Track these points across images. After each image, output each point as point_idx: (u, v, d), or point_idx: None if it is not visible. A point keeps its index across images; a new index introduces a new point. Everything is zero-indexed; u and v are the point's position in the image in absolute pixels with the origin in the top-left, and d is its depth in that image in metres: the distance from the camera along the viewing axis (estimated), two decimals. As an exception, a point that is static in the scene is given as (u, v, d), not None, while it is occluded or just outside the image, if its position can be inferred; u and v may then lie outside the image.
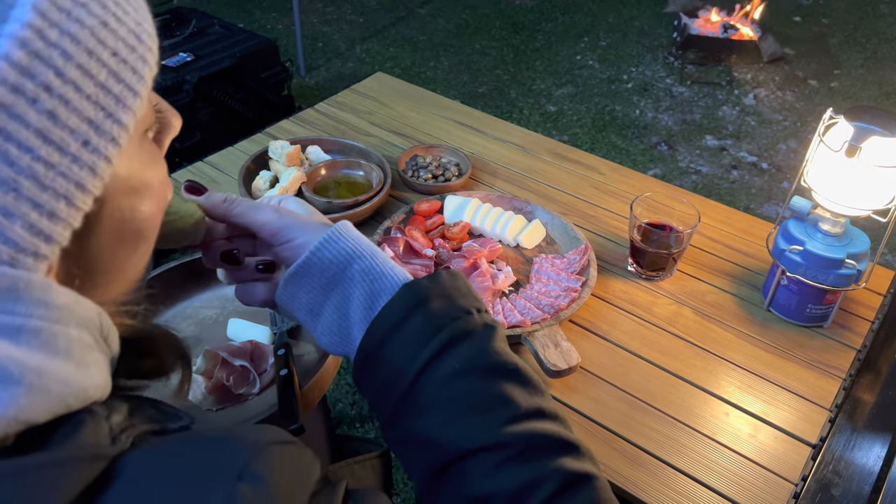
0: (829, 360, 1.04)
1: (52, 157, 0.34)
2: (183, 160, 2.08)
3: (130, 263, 0.42)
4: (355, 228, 0.58)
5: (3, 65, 0.32)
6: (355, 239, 0.56)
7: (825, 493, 0.86)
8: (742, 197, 2.75)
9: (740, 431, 0.93)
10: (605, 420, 0.93)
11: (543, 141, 1.51)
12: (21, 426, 0.31)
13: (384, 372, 0.52)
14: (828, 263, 1.01)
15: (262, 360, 0.78)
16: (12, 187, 0.33)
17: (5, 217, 0.33)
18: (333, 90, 2.00)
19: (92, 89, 0.35)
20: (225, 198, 0.58)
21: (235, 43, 2.32)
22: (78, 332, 0.36)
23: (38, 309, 0.33)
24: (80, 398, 0.34)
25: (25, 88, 0.33)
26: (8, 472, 0.30)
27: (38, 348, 0.33)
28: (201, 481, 0.33)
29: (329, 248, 0.55)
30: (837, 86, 3.50)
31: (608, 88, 3.46)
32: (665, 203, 1.16)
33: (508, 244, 1.21)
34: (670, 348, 1.04)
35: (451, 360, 0.51)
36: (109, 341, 0.39)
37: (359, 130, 1.52)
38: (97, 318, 0.38)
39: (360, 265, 0.55)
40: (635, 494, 0.85)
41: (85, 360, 0.36)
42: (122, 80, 0.37)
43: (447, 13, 4.16)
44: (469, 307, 0.54)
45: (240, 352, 0.77)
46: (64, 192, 0.35)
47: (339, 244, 0.55)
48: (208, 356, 0.76)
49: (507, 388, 0.51)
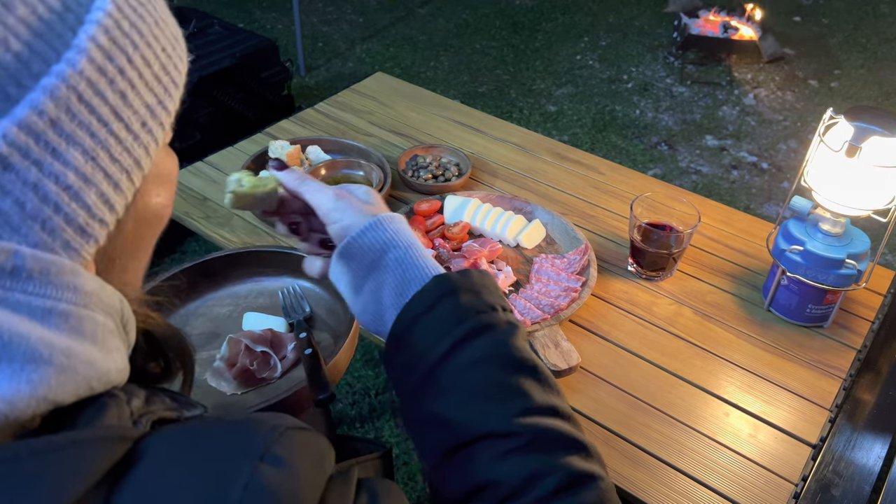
0: (829, 360, 1.04)
1: (120, 132, 0.38)
2: (183, 160, 2.07)
3: (144, 248, 0.46)
4: (402, 221, 0.62)
5: (91, 45, 0.36)
6: (395, 230, 0.60)
7: (825, 494, 0.86)
8: (742, 197, 2.75)
9: (740, 431, 0.93)
10: (605, 420, 0.93)
11: (543, 141, 1.51)
12: (49, 406, 0.33)
13: (409, 354, 0.55)
14: (828, 263, 1.01)
15: (282, 347, 0.83)
16: (91, 156, 0.36)
17: (85, 183, 0.36)
18: (333, 90, 2.00)
19: (150, 77, 0.40)
20: (299, 176, 0.65)
21: (235, 43, 2.32)
22: (103, 318, 0.38)
23: (67, 293, 0.35)
24: (103, 381, 0.36)
25: (107, 69, 0.37)
26: (38, 450, 0.31)
27: (66, 331, 0.35)
28: (225, 462, 0.34)
29: (369, 235, 0.59)
30: (837, 86, 3.50)
31: (608, 88, 3.46)
32: (665, 203, 1.16)
33: (508, 244, 1.21)
34: (670, 348, 1.04)
35: (473, 349, 0.53)
36: (128, 330, 0.41)
37: (359, 130, 1.52)
38: (119, 305, 0.40)
39: (394, 255, 0.59)
40: (635, 494, 0.85)
41: (108, 345, 0.37)
42: (169, 73, 0.42)
43: (447, 13, 4.16)
44: (495, 304, 0.57)
45: (261, 339, 0.82)
46: (127, 167, 0.38)
47: (378, 233, 0.59)
48: (231, 343, 0.81)
49: (523, 382, 0.53)
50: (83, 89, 0.36)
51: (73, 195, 0.36)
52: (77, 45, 0.36)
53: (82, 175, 0.36)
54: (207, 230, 1.22)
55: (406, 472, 1.72)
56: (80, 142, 0.36)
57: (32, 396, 0.32)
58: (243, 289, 0.93)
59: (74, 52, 0.35)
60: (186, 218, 1.25)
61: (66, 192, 0.35)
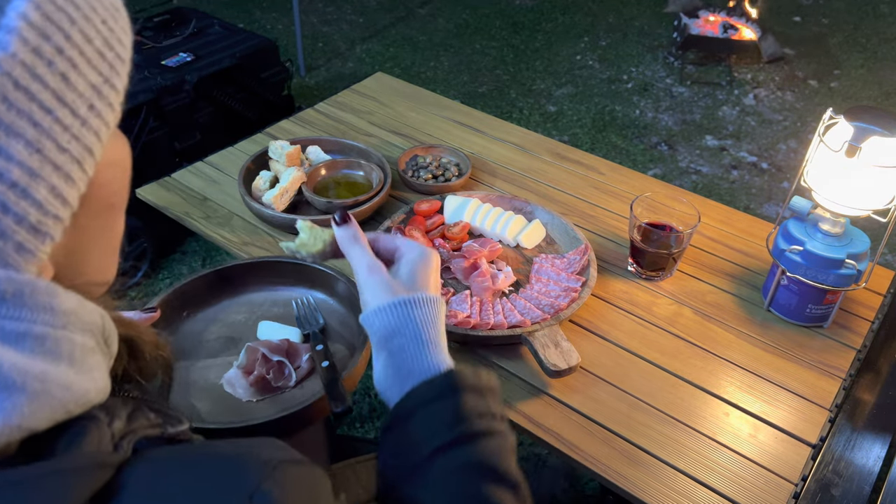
0: (829, 360, 1.04)
1: (66, 119, 0.35)
2: (183, 160, 2.07)
3: (106, 239, 0.43)
4: (422, 306, 0.62)
5: (22, 24, 0.33)
6: (407, 317, 0.61)
7: (825, 494, 0.86)
8: (742, 197, 2.75)
9: (740, 431, 0.93)
10: (605, 420, 0.93)
11: (543, 141, 1.51)
12: (24, 433, 0.31)
13: (404, 439, 0.56)
14: (828, 263, 1.01)
15: (297, 357, 0.84)
16: (36, 148, 0.33)
17: (32, 178, 0.33)
18: (333, 90, 2.00)
19: (92, 54, 0.36)
20: (352, 235, 0.66)
21: (235, 43, 2.32)
22: (82, 337, 0.36)
23: (43, 314, 0.34)
24: (81, 403, 0.34)
25: (43, 50, 0.33)
26: (15, 480, 0.29)
27: (42, 354, 0.33)
28: (212, 499, 0.33)
29: (378, 317, 0.61)
30: (837, 86, 3.49)
31: (608, 88, 3.46)
32: (665, 203, 1.16)
33: (508, 244, 1.21)
34: (670, 348, 1.04)
35: (466, 453, 0.54)
36: (110, 343, 0.40)
37: (359, 130, 1.52)
38: (101, 321, 0.38)
39: (398, 342, 0.60)
40: (635, 494, 0.85)
41: (87, 365, 0.36)
42: (113, 47, 0.38)
43: (447, 13, 4.16)
44: (496, 411, 0.57)
45: (277, 348, 0.83)
46: (77, 156, 0.36)
47: (387, 317, 0.61)
48: (249, 351, 0.82)
49: (504, 499, 0.53)
50: (18, 74, 0.32)
51: (21, 192, 0.33)
52: (6, 24, 0.32)
53: (28, 169, 0.33)
54: (208, 230, 1.22)
55: None
56: (22, 133, 0.33)
57: (6, 425, 0.30)
58: (259, 297, 0.94)
59: (4, 32, 0.32)
60: (187, 218, 1.25)
61: (13, 190, 0.33)
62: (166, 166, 1.56)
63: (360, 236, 0.66)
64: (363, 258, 0.65)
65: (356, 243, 0.66)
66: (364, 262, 0.64)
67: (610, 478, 0.86)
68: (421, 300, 0.62)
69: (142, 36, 2.29)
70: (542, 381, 0.98)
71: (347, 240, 0.66)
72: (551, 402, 0.95)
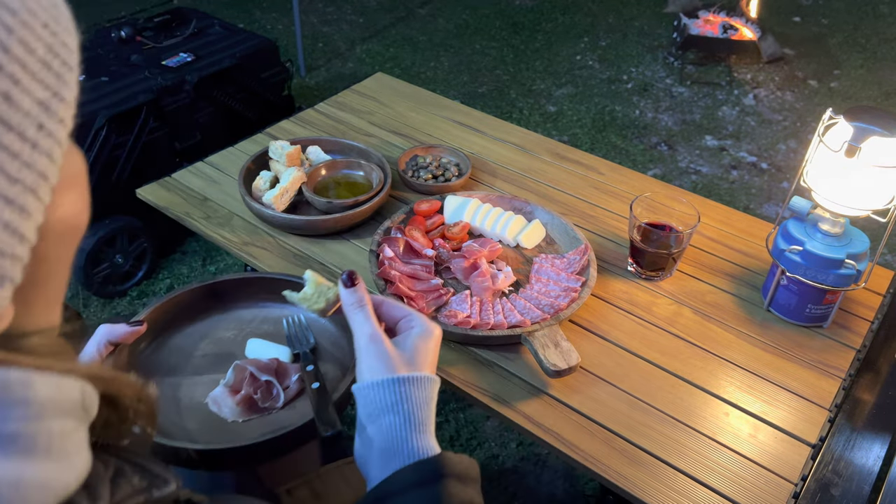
0: (828, 360, 1.04)
1: (13, 145, 0.30)
2: (183, 160, 2.08)
3: (64, 265, 0.39)
4: (418, 386, 0.60)
5: None
6: (402, 396, 0.59)
7: (825, 493, 0.86)
8: (742, 197, 2.75)
9: (740, 431, 0.93)
10: (605, 420, 0.93)
11: (543, 141, 1.52)
12: None
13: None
14: (827, 263, 1.01)
15: (286, 377, 0.82)
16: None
17: None
18: (333, 90, 2.00)
19: (35, 65, 0.32)
20: (357, 300, 0.64)
21: (235, 43, 2.32)
22: (60, 423, 0.32)
23: (16, 410, 0.30)
24: (60, 496, 0.31)
25: None
26: None
27: (15, 454, 0.30)
28: None
29: (372, 392, 0.60)
30: (837, 86, 3.50)
31: (608, 88, 3.46)
32: (665, 203, 1.16)
33: (508, 244, 1.21)
34: (670, 348, 1.04)
35: None
36: (89, 410, 0.36)
37: (359, 130, 1.52)
38: (80, 396, 0.34)
39: (388, 420, 0.59)
40: (635, 494, 0.85)
41: (66, 451, 0.33)
42: (58, 54, 0.34)
43: (447, 13, 4.16)
44: (476, 501, 0.57)
45: (266, 368, 0.81)
46: (31, 185, 0.32)
47: (381, 394, 0.59)
48: (238, 370, 0.80)
49: None
50: None
51: None
52: None
53: None
54: (208, 230, 1.22)
55: None
56: None
57: None
58: (249, 314, 0.92)
59: None
60: (187, 218, 1.25)
61: None
62: (166, 166, 1.56)
63: (365, 301, 0.65)
64: (366, 326, 0.63)
65: (361, 308, 0.64)
66: (366, 329, 0.63)
67: (610, 478, 0.86)
68: (419, 380, 0.60)
69: (142, 36, 2.29)
70: (542, 380, 0.98)
71: (353, 304, 0.65)
72: (551, 402, 0.95)
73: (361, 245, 1.21)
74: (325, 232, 1.22)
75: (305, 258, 1.18)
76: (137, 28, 2.30)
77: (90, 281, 2.05)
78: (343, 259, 1.18)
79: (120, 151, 1.97)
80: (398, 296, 1.06)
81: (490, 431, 1.80)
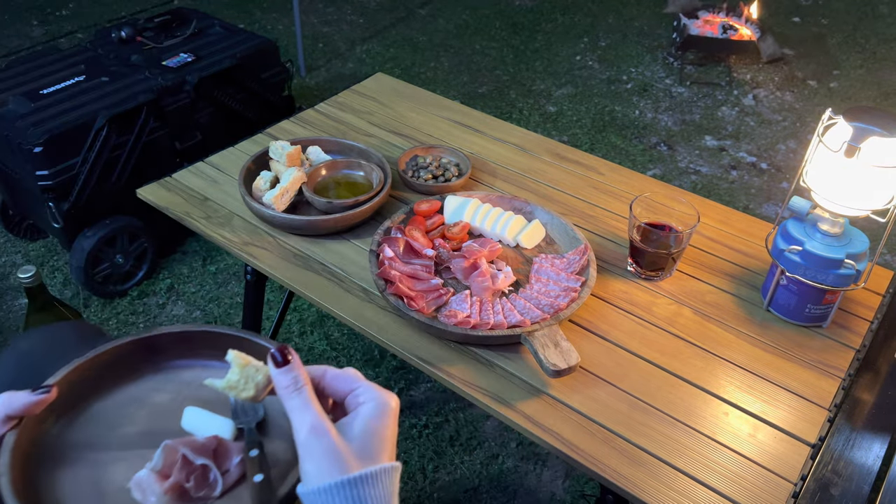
0: (828, 359, 1.04)
1: None
2: (184, 160, 2.08)
3: None
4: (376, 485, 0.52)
5: None
6: (356, 499, 0.51)
7: (824, 493, 0.87)
8: (741, 197, 2.75)
9: (740, 431, 0.93)
10: (605, 420, 0.93)
11: (543, 141, 1.52)
12: None
13: None
14: (827, 263, 1.01)
15: (226, 459, 0.69)
16: None
17: None
18: (333, 91, 2.00)
19: None
20: (291, 382, 0.55)
21: (236, 43, 2.32)
22: None
23: None
24: None
25: None
26: None
27: None
28: None
29: (322, 498, 0.51)
30: (836, 86, 3.50)
31: (608, 89, 3.46)
32: (664, 203, 1.16)
33: (508, 244, 1.21)
34: (670, 348, 1.04)
35: None
36: None
37: (359, 131, 1.52)
38: None
39: None
40: (635, 494, 0.85)
41: None
42: None
43: (447, 14, 4.16)
44: None
45: (203, 449, 0.68)
46: None
47: (332, 500, 0.51)
48: (167, 451, 0.67)
49: None
50: None
51: None
52: None
53: None
54: (208, 230, 1.22)
55: (406, 471, 1.72)
56: None
57: None
58: (189, 375, 0.77)
59: None
60: (187, 218, 1.25)
61: None
62: (167, 166, 1.57)
63: (302, 382, 0.55)
64: (305, 415, 0.53)
65: (297, 392, 0.54)
66: (306, 420, 0.53)
67: (609, 478, 0.87)
68: (375, 476, 0.51)
69: (142, 36, 2.29)
70: (541, 380, 0.98)
71: (286, 388, 0.54)
72: (551, 401, 0.96)
73: (361, 245, 1.21)
74: (325, 232, 1.22)
75: (305, 258, 1.18)
76: (138, 28, 2.30)
77: (90, 281, 2.05)
78: (343, 259, 1.18)
79: (120, 151, 1.97)
80: (398, 296, 1.06)
81: (490, 431, 1.80)
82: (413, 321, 1.04)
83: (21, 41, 3.55)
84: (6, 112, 1.91)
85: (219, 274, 2.25)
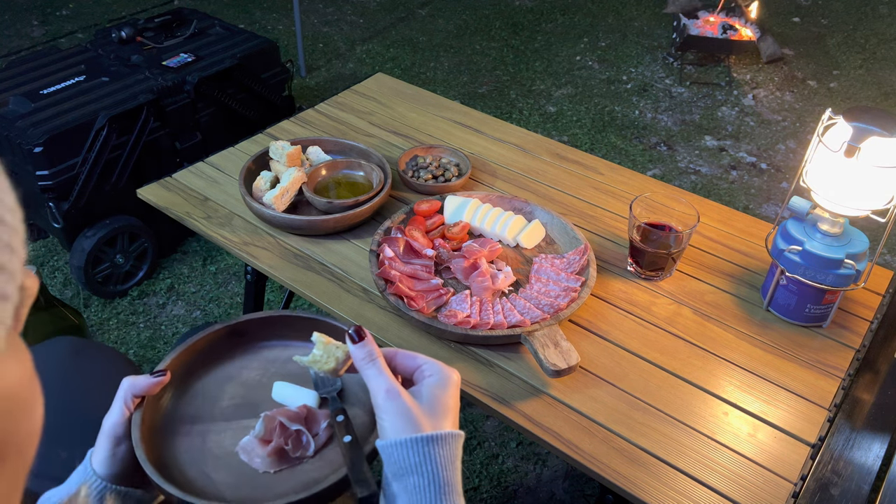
0: (827, 359, 1.04)
1: None
2: (184, 160, 2.08)
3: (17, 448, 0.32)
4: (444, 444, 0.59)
5: None
6: (428, 455, 0.58)
7: (824, 493, 0.87)
8: (741, 197, 2.75)
9: (739, 431, 0.93)
10: (605, 420, 0.93)
11: (543, 141, 1.52)
12: None
13: None
14: (827, 263, 1.02)
15: (315, 424, 0.81)
16: None
17: None
18: (334, 91, 2.00)
19: None
20: (367, 353, 0.63)
21: (236, 44, 2.32)
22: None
23: None
24: None
25: None
26: None
27: None
28: None
29: (398, 452, 0.58)
30: (836, 86, 3.50)
31: (608, 89, 3.46)
32: (664, 203, 1.16)
33: (508, 244, 1.21)
34: (670, 348, 1.05)
35: None
36: None
37: (359, 131, 1.52)
38: None
39: (414, 481, 0.58)
40: (635, 494, 0.85)
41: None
42: None
43: (447, 14, 4.16)
44: None
45: (296, 417, 0.80)
46: None
47: (407, 453, 0.58)
48: (267, 420, 0.79)
49: None
50: None
51: None
52: None
53: None
54: (208, 230, 1.22)
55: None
56: None
57: None
58: (272, 354, 0.90)
59: None
60: (187, 218, 1.25)
61: None
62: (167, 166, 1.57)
63: (376, 355, 0.63)
64: (380, 380, 0.61)
65: (372, 363, 0.63)
66: (382, 385, 0.61)
67: (609, 477, 0.87)
68: (444, 438, 0.59)
69: (143, 36, 2.29)
70: (541, 380, 0.98)
71: (363, 359, 0.63)
72: (551, 401, 0.96)
73: (361, 245, 1.21)
74: (325, 232, 1.22)
75: (306, 258, 1.18)
76: (138, 28, 2.31)
77: (90, 281, 2.05)
78: (343, 259, 1.18)
79: (121, 151, 1.97)
80: (398, 296, 1.06)
81: (490, 431, 1.80)
82: (413, 321, 1.04)
83: (21, 41, 3.56)
84: (6, 112, 1.92)
85: (219, 274, 2.25)
